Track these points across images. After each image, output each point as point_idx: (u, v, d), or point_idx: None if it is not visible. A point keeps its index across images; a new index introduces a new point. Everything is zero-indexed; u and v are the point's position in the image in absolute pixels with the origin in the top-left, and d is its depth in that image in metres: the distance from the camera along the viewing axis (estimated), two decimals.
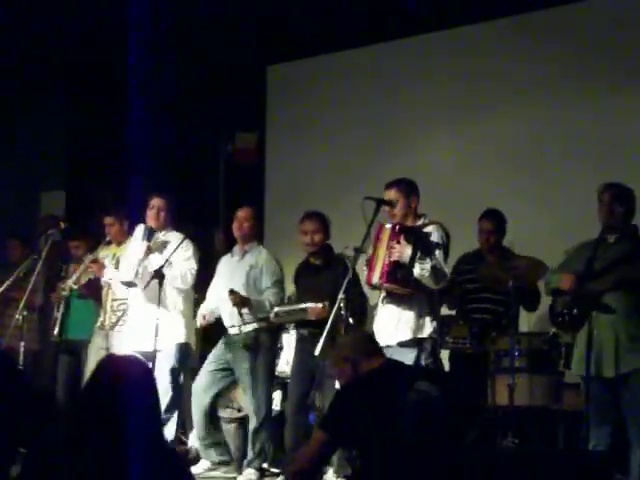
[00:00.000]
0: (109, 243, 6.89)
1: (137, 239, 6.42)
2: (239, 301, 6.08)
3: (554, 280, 5.32)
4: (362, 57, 8.20)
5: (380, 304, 5.44)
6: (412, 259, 5.14)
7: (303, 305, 5.96)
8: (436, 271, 5.18)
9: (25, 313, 6.59)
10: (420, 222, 5.37)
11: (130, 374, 2.82)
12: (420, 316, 5.26)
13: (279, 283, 6.31)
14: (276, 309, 6.08)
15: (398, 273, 5.16)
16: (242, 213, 6.41)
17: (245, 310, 6.10)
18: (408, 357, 5.15)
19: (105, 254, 6.86)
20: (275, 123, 8.79)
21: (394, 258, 5.16)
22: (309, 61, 8.57)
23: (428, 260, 5.17)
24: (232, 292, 6.09)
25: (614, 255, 5.10)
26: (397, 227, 5.24)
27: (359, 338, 4.23)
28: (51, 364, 7.24)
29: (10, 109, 8.64)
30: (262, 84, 8.84)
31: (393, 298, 5.34)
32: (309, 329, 5.92)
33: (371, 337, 4.42)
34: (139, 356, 4.05)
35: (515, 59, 7.37)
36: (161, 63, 8.43)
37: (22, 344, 6.54)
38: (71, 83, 9.04)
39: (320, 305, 5.81)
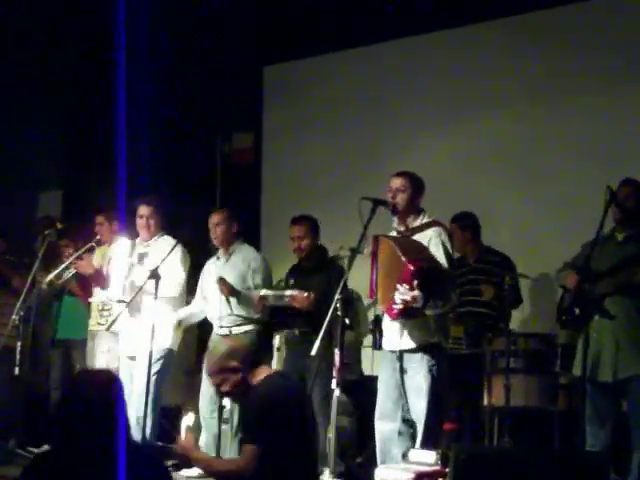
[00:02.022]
0: (99, 242, 6.92)
1: (119, 255, 6.43)
2: (228, 290, 6.09)
3: (561, 276, 5.32)
4: (359, 57, 8.21)
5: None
6: (423, 306, 4.89)
7: (289, 292, 5.96)
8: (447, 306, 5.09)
9: (22, 313, 6.58)
10: (419, 220, 5.30)
11: (97, 389, 3.11)
12: (427, 324, 5.10)
13: (268, 280, 6.33)
14: (263, 291, 6.07)
15: (408, 316, 4.98)
16: (212, 219, 6.39)
17: (234, 301, 6.11)
18: (413, 363, 5.12)
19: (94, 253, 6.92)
20: (272, 123, 8.80)
21: (404, 305, 4.87)
22: (306, 62, 8.58)
23: (440, 303, 4.98)
24: (221, 280, 6.09)
25: (620, 255, 5.10)
26: (411, 270, 4.82)
27: (245, 348, 4.38)
28: (47, 364, 7.25)
29: (8, 110, 8.62)
30: (259, 84, 8.85)
31: None
32: (300, 329, 5.92)
33: (257, 350, 4.66)
34: (111, 369, 4.27)
35: (514, 59, 7.38)
36: (158, 63, 8.43)
37: (19, 344, 6.54)
38: (69, 84, 9.03)
39: (305, 294, 5.81)
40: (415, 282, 4.82)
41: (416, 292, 4.82)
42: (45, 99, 8.92)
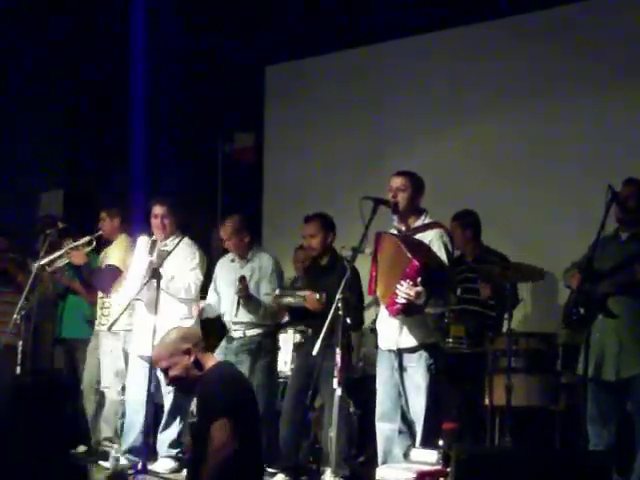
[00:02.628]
0: (99, 238, 6.92)
1: (140, 253, 6.37)
2: (244, 293, 6.09)
3: (567, 277, 5.32)
4: (360, 58, 8.21)
5: (383, 306, 5.28)
6: (425, 303, 4.92)
7: (302, 292, 5.98)
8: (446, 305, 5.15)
9: (24, 312, 6.58)
10: (420, 221, 5.29)
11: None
12: (425, 323, 5.12)
13: (277, 286, 6.32)
14: (277, 291, 6.10)
15: (409, 312, 5.00)
16: (223, 232, 6.38)
17: (242, 305, 6.13)
18: (411, 362, 5.12)
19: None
20: (273, 123, 8.80)
21: (407, 301, 4.89)
22: (307, 61, 8.58)
23: (441, 302, 5.06)
24: (243, 279, 6.09)
25: (624, 254, 5.10)
26: (417, 266, 4.85)
27: (197, 332, 4.53)
28: (49, 363, 7.26)
29: (10, 110, 8.64)
30: (261, 84, 8.85)
31: None
32: (312, 328, 5.93)
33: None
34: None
35: (514, 60, 7.37)
36: (160, 64, 8.45)
37: (20, 343, 6.54)
38: (71, 84, 9.05)
39: (317, 295, 5.81)
40: (419, 279, 4.83)
41: (420, 288, 4.85)
42: (47, 99, 8.93)
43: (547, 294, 6.63)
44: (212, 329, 6.39)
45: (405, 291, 4.86)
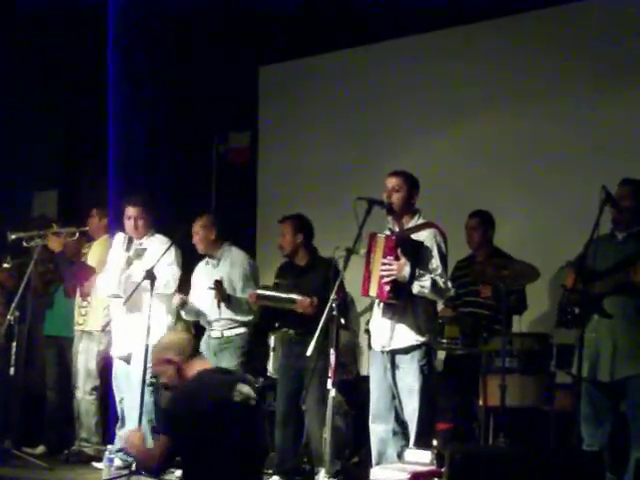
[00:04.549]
0: (85, 233, 6.92)
1: (116, 249, 6.37)
2: (221, 295, 6.11)
3: (562, 276, 5.33)
4: (354, 58, 8.19)
5: (376, 307, 5.34)
6: (411, 275, 4.97)
7: (292, 295, 5.94)
8: (436, 287, 5.02)
9: (17, 314, 6.57)
10: (414, 221, 5.30)
11: None
12: (416, 323, 5.13)
13: (253, 281, 6.34)
14: (258, 291, 6.07)
15: (398, 292, 5.02)
16: (194, 228, 6.39)
17: (224, 306, 6.16)
18: (404, 363, 5.13)
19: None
20: (267, 123, 8.78)
21: (392, 276, 4.98)
22: (301, 62, 8.56)
23: (427, 276, 5.03)
24: (217, 283, 6.09)
25: (621, 255, 5.10)
26: (393, 240, 5.05)
27: (182, 341, 4.44)
28: (42, 364, 7.25)
29: (4, 110, 8.62)
30: (255, 84, 8.84)
31: (389, 305, 5.19)
32: (296, 329, 5.93)
33: (191, 340, 4.59)
34: None
35: (513, 58, 7.34)
36: (155, 64, 8.43)
37: (14, 344, 6.54)
38: (67, 85, 9.04)
39: (309, 299, 5.81)
40: (399, 250, 4.99)
41: (402, 260, 4.96)
42: (41, 99, 8.92)
43: (542, 294, 6.63)
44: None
45: (388, 268, 4.97)
